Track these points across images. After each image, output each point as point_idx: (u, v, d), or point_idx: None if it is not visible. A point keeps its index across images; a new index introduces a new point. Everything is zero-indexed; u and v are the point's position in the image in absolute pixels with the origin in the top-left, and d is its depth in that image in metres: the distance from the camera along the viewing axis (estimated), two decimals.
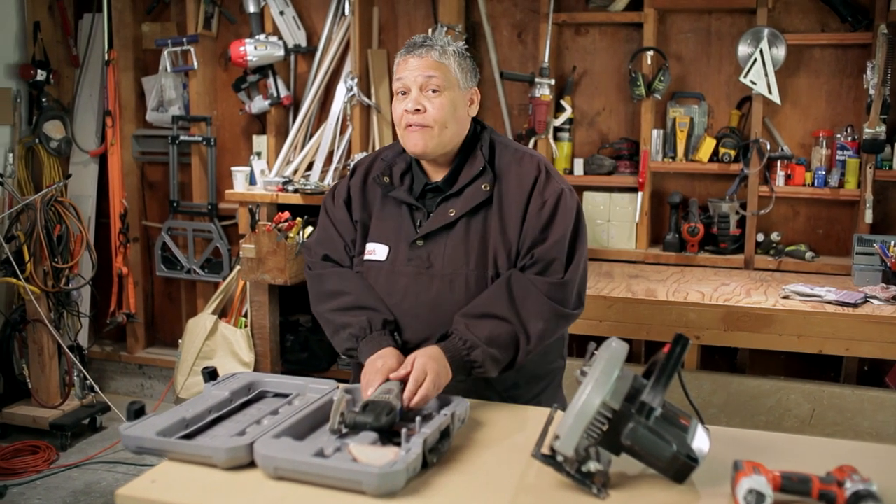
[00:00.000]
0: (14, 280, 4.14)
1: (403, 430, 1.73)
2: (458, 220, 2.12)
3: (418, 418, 1.80)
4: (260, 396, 2.06)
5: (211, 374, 2.05)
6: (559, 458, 1.60)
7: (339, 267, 2.25)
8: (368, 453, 1.64)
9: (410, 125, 2.10)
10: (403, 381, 1.89)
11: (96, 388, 4.32)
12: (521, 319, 2.03)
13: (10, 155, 4.59)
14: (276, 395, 2.07)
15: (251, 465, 1.68)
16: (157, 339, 5.09)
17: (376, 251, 2.19)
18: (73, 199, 4.69)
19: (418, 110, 2.08)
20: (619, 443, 1.58)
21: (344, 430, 1.79)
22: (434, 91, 2.09)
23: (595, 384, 1.58)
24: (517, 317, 2.03)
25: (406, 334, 2.12)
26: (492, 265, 2.10)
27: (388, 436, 1.77)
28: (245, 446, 1.68)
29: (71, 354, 4.30)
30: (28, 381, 4.35)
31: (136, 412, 1.83)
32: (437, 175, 2.20)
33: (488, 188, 2.12)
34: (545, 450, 1.64)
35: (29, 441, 4.17)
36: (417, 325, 2.11)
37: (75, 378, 4.42)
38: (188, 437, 1.80)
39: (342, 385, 2.03)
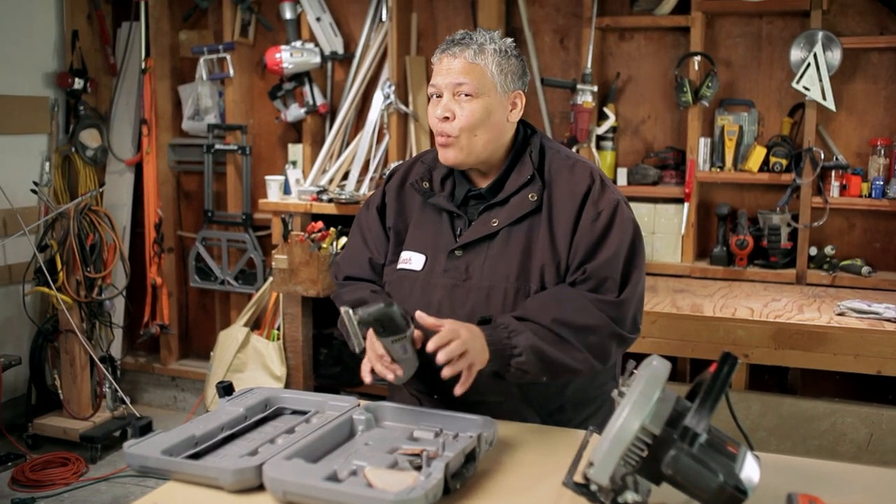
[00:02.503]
0: (46, 289, 4.10)
1: (424, 454, 1.60)
2: (500, 230, 1.98)
3: (441, 440, 1.68)
4: (277, 413, 1.96)
5: (226, 389, 1.96)
6: (593, 488, 1.46)
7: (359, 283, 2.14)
8: (385, 478, 1.52)
9: (440, 135, 1.97)
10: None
11: (127, 400, 4.26)
12: (574, 331, 1.86)
13: (47, 164, 4.57)
14: (295, 412, 1.96)
15: (261, 487, 1.57)
16: (191, 351, 5.03)
17: (412, 260, 2.05)
18: (109, 208, 4.67)
19: (447, 118, 1.95)
20: (659, 471, 1.43)
21: (362, 344, 1.74)
22: (465, 95, 1.94)
23: (633, 406, 1.44)
24: (565, 328, 1.85)
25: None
26: (536, 279, 1.94)
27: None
28: (254, 468, 1.57)
29: (102, 366, 4.24)
30: (60, 391, 4.31)
31: (143, 429, 1.73)
32: (483, 181, 2.05)
33: (535, 198, 1.96)
34: (578, 477, 1.51)
35: (59, 453, 4.12)
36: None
37: (106, 389, 4.36)
38: (197, 455, 1.69)
39: (363, 403, 1.92)
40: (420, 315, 1.78)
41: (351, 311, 1.71)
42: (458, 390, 1.75)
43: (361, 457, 1.66)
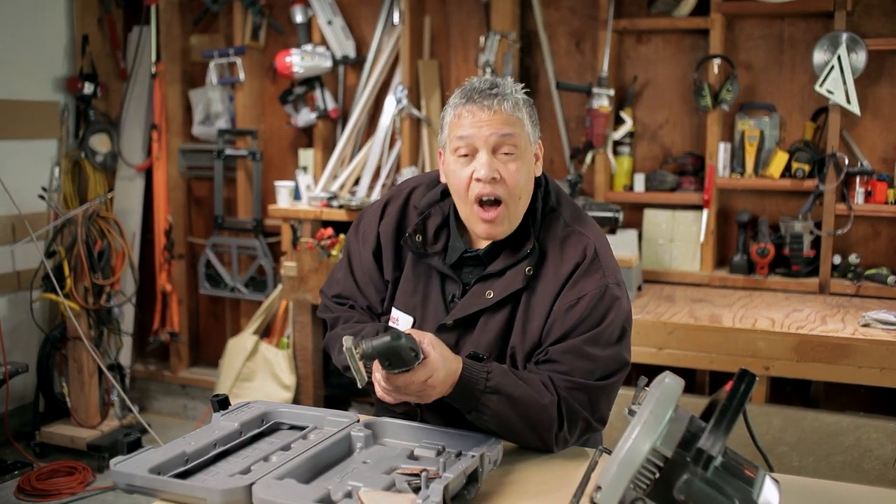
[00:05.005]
0: (54, 296, 4.05)
1: (423, 474, 1.52)
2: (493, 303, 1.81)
3: (441, 460, 1.59)
4: (273, 429, 1.88)
5: (221, 403, 1.88)
6: None
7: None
8: (380, 500, 1.45)
9: (482, 200, 1.76)
10: None
11: (134, 409, 4.20)
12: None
13: (57, 169, 4.53)
14: (292, 427, 1.88)
15: None
16: (201, 359, 4.97)
17: (400, 321, 1.91)
18: (119, 214, 4.62)
19: (495, 178, 1.74)
20: (671, 496, 1.34)
21: (367, 376, 1.62)
22: (507, 153, 1.75)
23: (644, 426, 1.36)
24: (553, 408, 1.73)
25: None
26: (508, 360, 1.81)
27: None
28: (243, 488, 1.50)
29: (109, 374, 4.18)
30: (67, 399, 4.26)
31: (131, 445, 1.65)
32: (481, 241, 1.87)
33: (531, 272, 1.79)
34: (585, 502, 1.41)
35: (66, 461, 4.06)
36: (435, 419, 1.85)
37: (114, 398, 4.31)
38: (187, 473, 1.62)
39: (363, 419, 1.83)
40: (413, 333, 1.65)
41: (353, 346, 1.56)
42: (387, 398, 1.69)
43: (358, 477, 1.58)
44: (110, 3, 4.69)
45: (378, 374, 1.64)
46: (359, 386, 1.62)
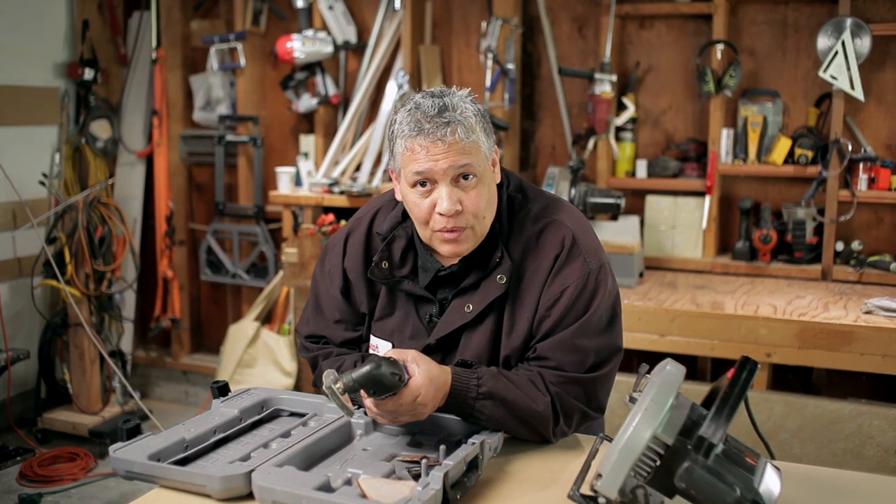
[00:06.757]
0: (55, 282, 4.05)
1: (423, 462, 1.52)
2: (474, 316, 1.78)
3: (442, 447, 1.59)
4: (273, 415, 1.88)
5: (220, 390, 1.88)
6: (601, 501, 1.37)
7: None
8: (379, 488, 1.44)
9: (444, 230, 1.72)
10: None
11: (135, 395, 4.20)
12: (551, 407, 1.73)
13: (57, 155, 4.51)
14: (292, 414, 1.88)
15: (250, 496, 1.49)
16: (203, 345, 4.97)
17: (379, 348, 1.88)
18: (120, 200, 4.61)
19: (458, 211, 1.69)
20: (672, 484, 1.34)
21: (356, 407, 1.64)
22: (466, 177, 1.69)
23: (645, 414, 1.35)
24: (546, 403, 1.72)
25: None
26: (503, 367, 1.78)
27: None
28: (243, 475, 1.50)
29: (111, 360, 4.18)
30: (69, 385, 4.26)
31: (130, 431, 1.65)
32: (451, 258, 1.82)
33: (504, 280, 1.76)
34: (585, 489, 1.41)
35: (68, 448, 4.07)
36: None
37: (116, 384, 4.31)
38: (186, 460, 1.62)
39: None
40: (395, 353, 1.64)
41: (333, 384, 1.54)
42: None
43: (357, 464, 1.58)
44: None
45: (367, 401, 1.64)
46: (349, 417, 1.63)
